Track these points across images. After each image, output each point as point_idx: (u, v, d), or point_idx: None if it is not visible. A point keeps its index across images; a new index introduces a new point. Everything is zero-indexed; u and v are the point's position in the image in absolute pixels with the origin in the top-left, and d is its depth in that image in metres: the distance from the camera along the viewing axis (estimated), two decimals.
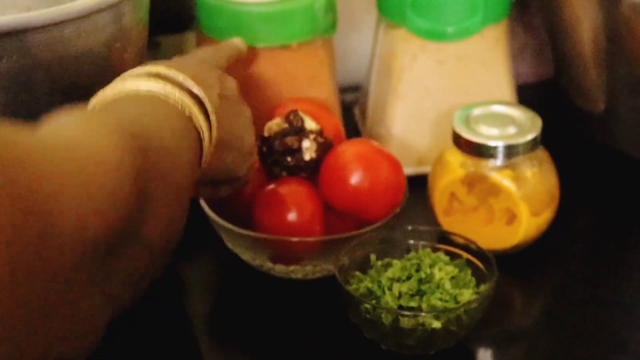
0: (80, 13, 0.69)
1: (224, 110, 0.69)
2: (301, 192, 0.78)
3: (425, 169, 0.87)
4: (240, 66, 0.84)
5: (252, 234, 0.77)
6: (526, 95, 0.94)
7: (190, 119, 0.65)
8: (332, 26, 0.89)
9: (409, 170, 0.87)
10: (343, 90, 0.95)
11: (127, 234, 0.53)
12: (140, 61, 0.79)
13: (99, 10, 0.71)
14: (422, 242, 0.77)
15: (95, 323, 0.52)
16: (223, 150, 0.69)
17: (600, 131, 0.93)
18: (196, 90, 0.66)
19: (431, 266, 0.74)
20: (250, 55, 0.85)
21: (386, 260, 0.76)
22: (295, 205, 0.77)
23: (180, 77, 0.66)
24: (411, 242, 0.78)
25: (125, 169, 0.53)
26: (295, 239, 0.76)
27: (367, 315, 0.71)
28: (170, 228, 0.59)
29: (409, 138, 0.91)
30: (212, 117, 0.66)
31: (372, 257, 0.76)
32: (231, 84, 0.73)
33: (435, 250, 0.77)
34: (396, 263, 0.75)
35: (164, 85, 0.64)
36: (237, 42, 0.83)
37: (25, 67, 0.69)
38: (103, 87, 0.68)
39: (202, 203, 0.79)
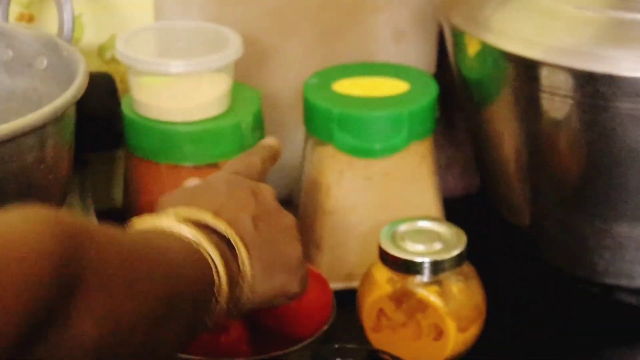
0: (4, 137, 0.70)
1: (261, 232, 0.67)
2: None
3: (354, 283, 0.87)
4: (166, 185, 0.84)
5: (183, 356, 0.76)
6: (453, 209, 0.95)
7: (197, 250, 0.62)
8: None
9: (338, 285, 0.88)
10: None
11: (49, 321, 0.51)
12: (66, 181, 0.79)
13: (23, 134, 0.71)
14: None
15: None
16: (270, 275, 0.67)
17: (527, 244, 0.94)
18: (220, 227, 0.65)
19: None
20: (177, 174, 0.85)
21: None
22: (222, 325, 0.77)
23: (201, 215, 0.65)
24: None
25: (43, 254, 0.50)
26: None
27: None
28: (120, 336, 0.55)
29: (337, 253, 0.91)
30: (241, 250, 0.65)
31: None
32: (267, 195, 0.70)
33: None
34: None
35: (185, 226, 0.63)
36: (271, 141, 0.80)
37: None
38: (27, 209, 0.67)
39: None
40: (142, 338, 0.57)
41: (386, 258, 0.81)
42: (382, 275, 0.82)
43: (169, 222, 0.64)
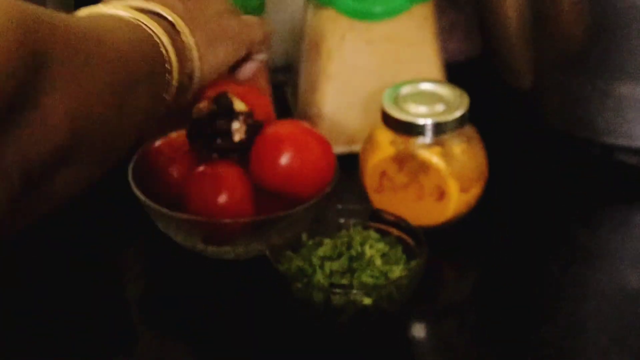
0: None
1: (191, 8, 0.72)
2: (231, 173, 0.78)
3: (356, 147, 0.88)
4: None
5: (183, 216, 0.77)
6: (455, 74, 0.95)
7: (139, 26, 0.67)
8: (260, 7, 0.89)
9: (340, 149, 0.88)
10: (274, 70, 0.96)
11: (18, 105, 0.53)
12: None
13: None
14: (352, 220, 0.78)
15: None
16: (213, 45, 0.73)
17: (529, 107, 0.94)
18: (151, 6, 0.69)
19: (362, 244, 0.75)
20: None
21: (317, 239, 0.77)
22: (225, 187, 0.77)
23: (132, 2, 0.69)
24: (342, 220, 0.78)
25: (6, 38, 0.51)
26: (226, 220, 0.76)
27: (299, 294, 0.71)
28: (86, 107, 0.57)
29: (339, 117, 0.91)
30: (180, 24, 0.70)
31: (304, 236, 0.77)
32: None
33: (366, 228, 0.77)
34: (327, 242, 0.76)
35: (115, 8, 0.68)
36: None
37: None
38: None
39: (134, 187, 0.79)
40: (107, 111, 0.60)
41: (389, 120, 0.81)
42: (385, 137, 0.82)
43: (112, 8, 0.68)
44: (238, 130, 0.79)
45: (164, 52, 0.67)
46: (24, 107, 0.53)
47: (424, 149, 0.81)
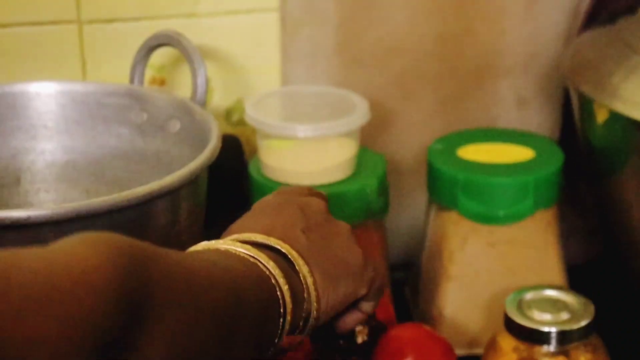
0: (141, 200, 0.71)
1: (314, 243, 0.67)
2: None
3: (477, 350, 0.87)
4: None
5: None
6: (576, 276, 0.94)
7: (255, 264, 0.62)
8: (384, 208, 0.91)
9: (461, 351, 0.87)
10: (393, 268, 0.96)
11: (119, 345, 0.50)
12: (197, 242, 0.80)
13: (158, 196, 0.73)
14: None
15: None
16: (333, 283, 0.66)
17: None
18: (272, 242, 0.65)
19: None
20: None
21: None
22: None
23: (252, 236, 0.65)
24: None
25: (108, 280, 0.49)
26: None
27: None
28: (192, 350, 0.54)
29: (460, 320, 0.91)
30: (299, 262, 0.64)
31: None
32: (314, 207, 0.69)
33: None
34: None
35: (232, 243, 0.64)
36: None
37: None
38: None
39: None
40: (210, 358, 0.57)
41: (512, 326, 0.81)
42: (508, 343, 0.81)
43: (226, 244, 0.64)
44: (361, 332, 0.79)
45: (279, 295, 0.62)
46: (123, 348, 0.51)
47: (548, 357, 0.79)
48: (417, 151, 1.01)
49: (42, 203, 0.88)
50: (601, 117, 0.87)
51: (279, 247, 0.65)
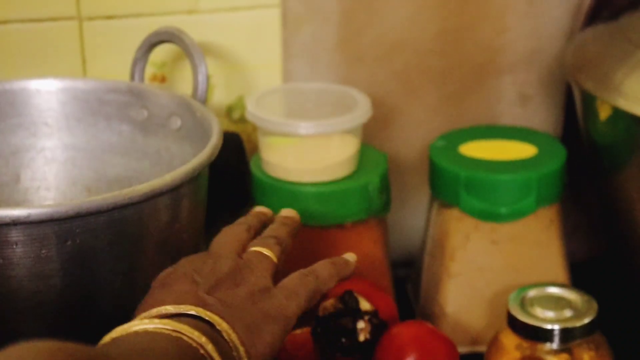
0: (142, 197, 0.71)
1: (223, 300, 0.66)
2: None
3: (479, 348, 0.87)
4: (294, 245, 0.84)
5: None
6: (579, 274, 0.94)
7: (179, 338, 0.61)
8: (386, 206, 0.90)
9: (463, 349, 0.87)
10: (395, 265, 0.96)
11: None
12: (198, 240, 0.80)
13: (160, 194, 0.72)
14: None
15: None
16: (254, 333, 0.65)
17: None
18: (186, 309, 0.64)
19: None
20: (303, 234, 0.86)
21: None
22: None
23: (163, 309, 0.64)
24: None
25: None
26: None
27: None
28: None
29: (462, 317, 0.90)
30: (217, 321, 0.64)
31: None
32: (211, 265, 0.68)
33: None
34: None
35: (150, 321, 0.62)
36: (288, 212, 0.79)
37: (87, 248, 0.70)
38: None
39: None
40: None
41: (515, 324, 0.80)
42: (511, 341, 0.81)
43: (143, 324, 0.62)
44: (363, 329, 0.79)
45: (207, 357, 0.61)
46: None
47: (551, 355, 0.79)
48: (419, 148, 1.01)
49: (42, 201, 0.88)
50: (604, 113, 0.86)
51: (193, 313, 0.64)
